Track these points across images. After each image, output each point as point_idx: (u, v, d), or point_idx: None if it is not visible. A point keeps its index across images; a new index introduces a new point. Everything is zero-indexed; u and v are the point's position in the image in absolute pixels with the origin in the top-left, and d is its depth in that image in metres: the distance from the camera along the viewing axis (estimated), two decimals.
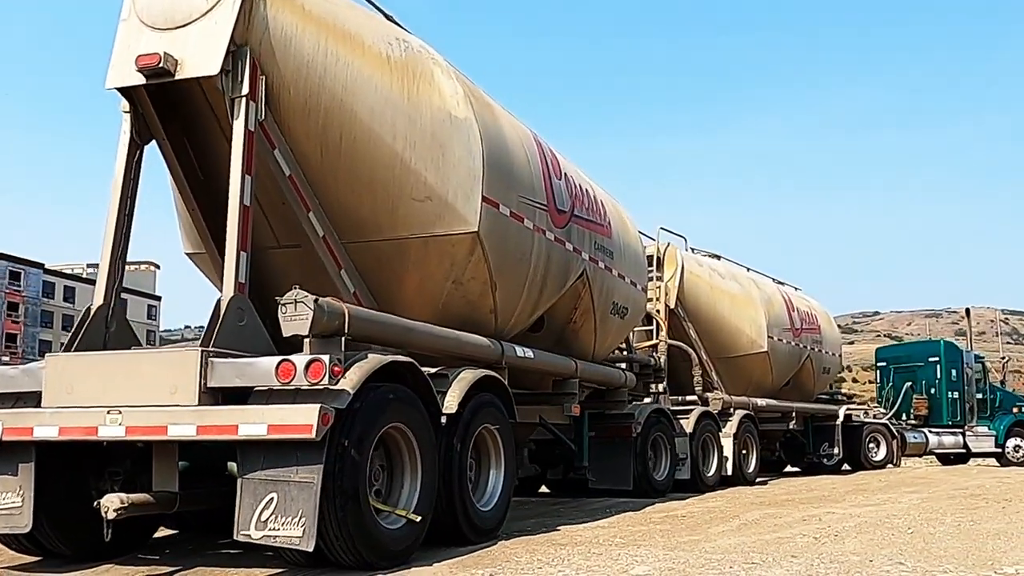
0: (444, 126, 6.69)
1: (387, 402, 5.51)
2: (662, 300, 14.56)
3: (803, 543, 6.65)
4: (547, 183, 8.10)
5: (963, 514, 8.72)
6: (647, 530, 7.59)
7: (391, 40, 6.64)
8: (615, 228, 9.90)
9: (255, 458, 5.06)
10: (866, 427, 19.66)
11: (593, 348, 9.77)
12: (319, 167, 6.39)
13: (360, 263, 6.77)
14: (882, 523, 7.91)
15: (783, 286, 17.90)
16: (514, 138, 7.62)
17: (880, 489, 13.15)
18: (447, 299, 7.05)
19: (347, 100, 6.31)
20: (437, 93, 6.72)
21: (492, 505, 6.85)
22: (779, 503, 10.47)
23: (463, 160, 6.74)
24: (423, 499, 5.81)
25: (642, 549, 6.31)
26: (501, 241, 7.18)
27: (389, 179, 6.53)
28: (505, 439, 7.03)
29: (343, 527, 5.10)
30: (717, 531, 7.51)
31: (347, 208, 6.58)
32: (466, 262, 6.92)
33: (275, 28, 6.00)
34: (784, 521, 8.28)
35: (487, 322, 7.47)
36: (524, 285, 7.72)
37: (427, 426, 5.91)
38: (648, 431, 11.49)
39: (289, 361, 5.04)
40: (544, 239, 7.93)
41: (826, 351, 17.93)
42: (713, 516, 8.77)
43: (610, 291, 9.65)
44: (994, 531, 7.25)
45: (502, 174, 7.16)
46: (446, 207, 6.70)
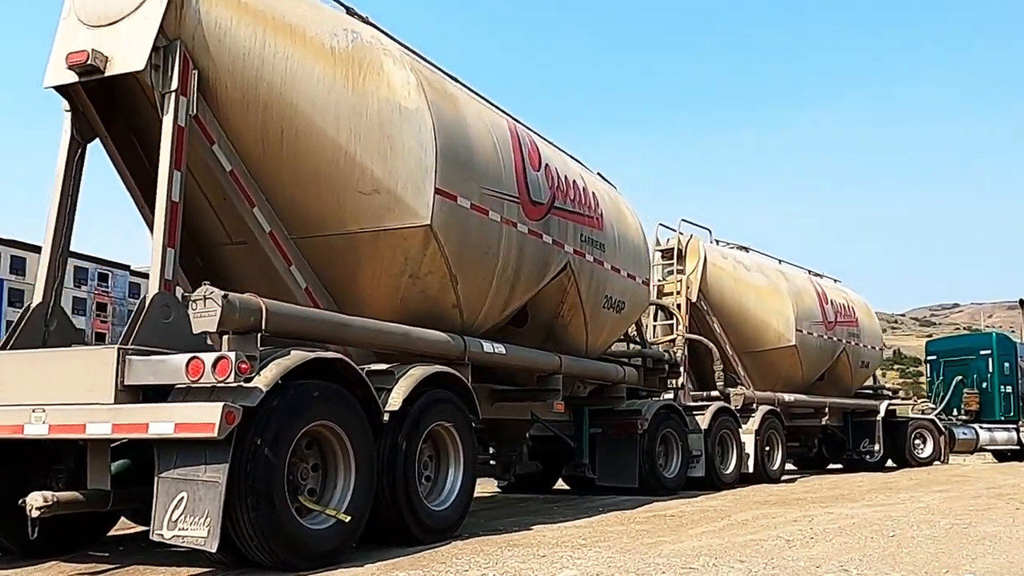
0: (393, 117, 6.49)
1: (311, 400, 5.34)
2: (683, 293, 14.15)
3: (771, 547, 6.27)
4: (520, 175, 7.83)
5: (968, 516, 8.19)
6: (620, 530, 7.28)
7: (337, 31, 6.47)
8: (608, 220, 9.56)
9: (169, 457, 4.95)
10: (911, 423, 18.85)
11: (586, 343, 9.46)
12: (262, 161, 6.26)
13: (312, 259, 6.63)
14: (872, 525, 7.45)
15: (819, 278, 17.26)
16: (479, 129, 7.38)
17: (907, 488, 12.53)
18: (405, 294, 6.85)
19: (287, 93, 6.16)
20: (386, 84, 6.52)
21: (448, 504, 6.64)
22: (787, 502, 10.02)
23: (413, 152, 6.53)
24: (357, 499, 5.62)
25: (592, 551, 6.02)
26: (461, 234, 6.95)
27: (334, 172, 6.37)
28: (464, 437, 6.80)
29: (257, 527, 4.95)
30: (693, 532, 7.17)
31: (294, 203, 6.44)
32: (421, 256, 6.71)
33: (208, 22, 5.88)
34: (773, 522, 7.87)
35: (451, 317, 7.25)
36: (492, 279, 7.47)
37: (362, 424, 5.71)
38: (657, 427, 11.11)
39: (198, 358, 4.91)
40: (515, 232, 7.66)
41: (864, 344, 17.21)
42: (704, 516, 8.40)
43: (601, 285, 9.33)
44: (984, 535, 6.75)
45: (460, 166, 6.93)
46: (396, 200, 6.50)
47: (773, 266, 15.50)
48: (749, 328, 14.72)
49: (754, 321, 14.71)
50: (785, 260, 16.46)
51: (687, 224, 14.88)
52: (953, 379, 20.83)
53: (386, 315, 6.81)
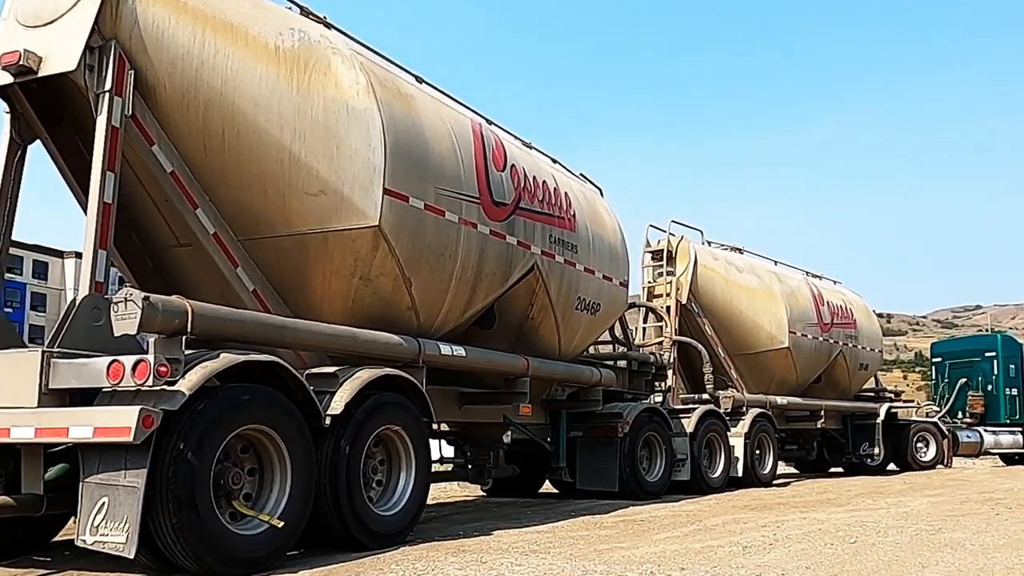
0: (339, 117, 6.38)
1: (240, 403, 5.23)
2: (673, 295, 13.95)
3: (723, 553, 6.10)
4: (482, 175, 7.70)
5: (943, 521, 7.97)
6: (580, 536, 7.13)
7: (283, 31, 6.37)
8: (582, 222, 9.41)
9: (93, 461, 4.87)
10: (913, 426, 18.52)
11: (558, 345, 9.31)
12: (205, 162, 6.17)
13: (261, 260, 6.54)
14: (839, 531, 7.24)
15: (817, 279, 17.01)
16: (437, 130, 7.25)
17: (897, 492, 12.28)
18: (357, 296, 6.74)
19: (228, 93, 6.07)
20: (333, 83, 6.41)
21: (398, 509, 6.51)
22: (767, 507, 9.82)
23: (361, 152, 6.41)
24: (292, 504, 5.51)
25: (537, 558, 5.87)
26: (414, 235, 6.82)
27: (278, 173, 6.27)
28: (416, 441, 6.68)
29: (179, 532, 4.84)
30: (654, 538, 6.99)
31: (239, 204, 6.35)
32: (371, 257, 6.59)
33: (146, 21, 5.80)
34: (741, 527, 7.68)
35: (407, 319, 7.12)
36: (450, 281, 7.33)
37: (300, 428, 5.60)
38: (638, 431, 10.94)
39: (119, 361, 4.83)
40: (475, 233, 7.53)
41: (863, 346, 16.92)
42: (674, 521, 8.23)
43: (573, 286, 9.18)
44: (948, 541, 6.54)
45: (413, 166, 6.80)
46: (343, 201, 6.39)
47: (767, 267, 15.26)
48: (741, 330, 14.50)
49: (746, 323, 14.49)
50: (782, 261, 16.24)
51: (679, 226, 14.69)
52: (958, 381, 20.47)
53: (339, 317, 6.71)
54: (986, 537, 6.79)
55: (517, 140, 9.45)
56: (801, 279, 15.87)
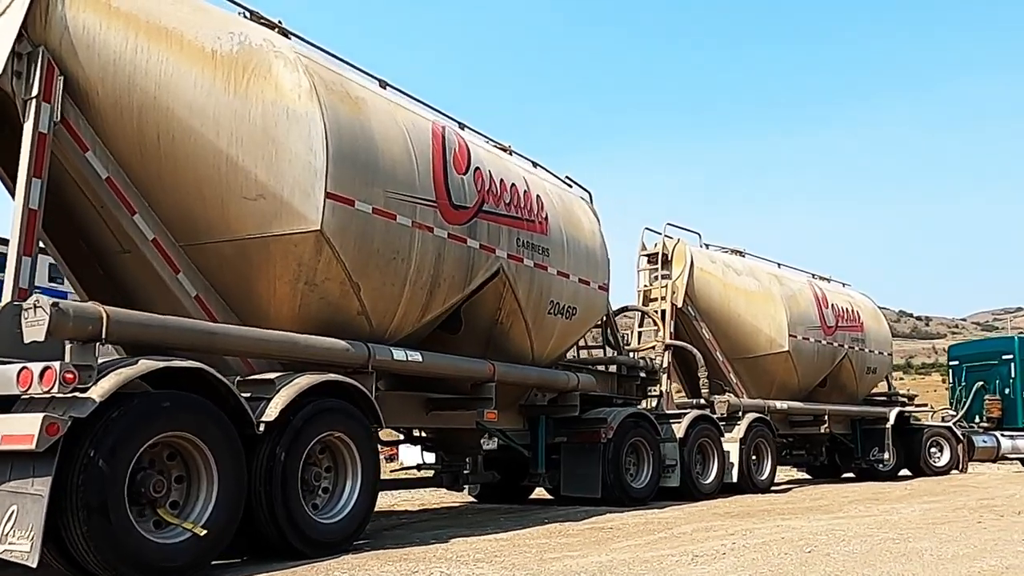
0: (279, 121, 6.29)
1: (159, 410, 5.13)
2: (668, 299, 13.71)
3: (668, 564, 5.89)
4: (440, 178, 7.56)
5: (920, 530, 7.66)
6: (536, 544, 6.94)
7: (222, 34, 6.28)
8: (555, 225, 9.24)
9: (5, 469, 4.80)
10: (927, 430, 18.01)
11: (531, 350, 9.14)
12: (142, 167, 6.12)
13: (204, 267, 6.46)
14: (802, 540, 6.98)
15: (824, 282, 16.64)
16: (390, 133, 7.13)
17: (895, 499, 11.90)
18: (303, 301, 6.63)
19: (162, 97, 6.00)
20: (272, 87, 6.32)
21: (341, 517, 6.38)
22: (750, 514, 9.54)
23: (301, 155, 6.31)
24: (218, 512, 5.39)
25: (476, 568, 5.72)
26: (361, 239, 6.70)
27: (215, 178, 6.19)
28: (362, 448, 6.54)
29: (90, 541, 4.75)
30: (612, 547, 6.79)
31: (179, 209, 6.28)
32: (315, 262, 6.48)
33: (76, 27, 5.76)
34: (707, 535, 7.45)
35: (357, 325, 7.00)
36: (404, 285, 7.20)
37: (227, 435, 5.49)
38: (623, 436, 10.73)
39: (28, 368, 4.75)
40: (431, 236, 7.39)
41: (871, 350, 16.50)
42: (643, 528, 8.01)
43: (544, 290, 9.00)
44: (909, 551, 6.26)
45: (360, 169, 6.68)
46: (283, 205, 6.29)
47: (768, 270, 14.94)
48: (740, 334, 14.21)
49: (745, 326, 14.20)
50: (786, 264, 15.92)
51: (677, 229, 14.45)
52: (974, 385, 19.91)
53: (287, 323, 6.61)
54: (952, 546, 6.50)
55: (489, 144, 9.33)
56: (804, 282, 15.53)
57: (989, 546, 6.52)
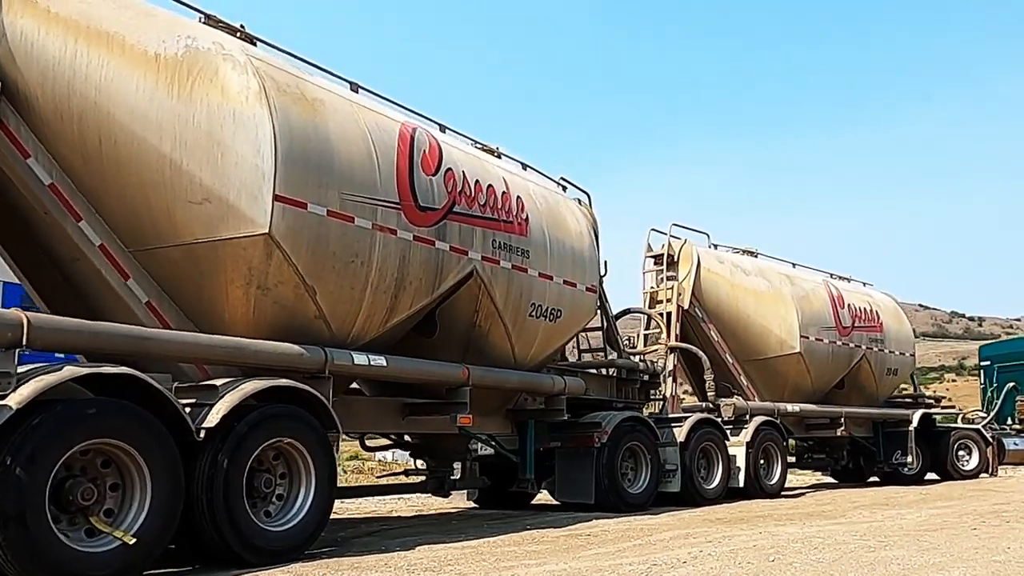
0: (225, 124, 6.17)
1: (84, 417, 5.02)
2: (674, 301, 13.39)
3: (627, 572, 5.64)
4: (405, 180, 7.39)
5: (904, 538, 7.29)
6: (500, 552, 6.72)
7: (167, 38, 6.19)
8: (537, 226, 9.01)
9: None
10: (954, 433, 17.39)
11: (512, 353, 8.91)
12: (85, 173, 6.05)
13: (155, 272, 6.37)
14: (775, 548, 6.66)
15: (843, 282, 16.15)
16: (348, 134, 6.97)
17: (906, 503, 11.45)
18: (257, 306, 6.49)
19: (102, 102, 5.93)
20: (219, 90, 6.21)
21: (291, 525, 6.21)
22: (744, 520, 9.20)
23: (248, 158, 6.18)
24: (151, 520, 5.26)
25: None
26: (315, 242, 6.55)
27: (160, 182, 6.09)
28: (316, 454, 6.38)
29: (8, 551, 4.64)
30: (577, 555, 6.53)
31: (126, 214, 6.20)
32: (265, 266, 6.34)
33: (14, 33, 5.71)
34: (683, 543, 7.15)
35: (317, 329, 6.85)
36: (365, 289, 7.03)
37: (161, 442, 5.36)
38: (618, 441, 10.44)
39: None
40: (394, 239, 7.21)
41: (891, 350, 15.95)
42: (619, 536, 7.72)
43: (525, 292, 8.77)
44: (880, 559, 5.93)
45: (312, 172, 6.53)
46: (229, 208, 6.17)
47: (779, 270, 14.52)
48: (749, 335, 13.82)
49: (754, 328, 13.81)
50: (801, 264, 15.47)
51: (684, 229, 14.12)
52: (1005, 385, 19.18)
53: (243, 328, 6.49)
54: (928, 555, 6.15)
55: (472, 146, 9.15)
56: (819, 281, 15.06)
57: (968, 555, 6.15)
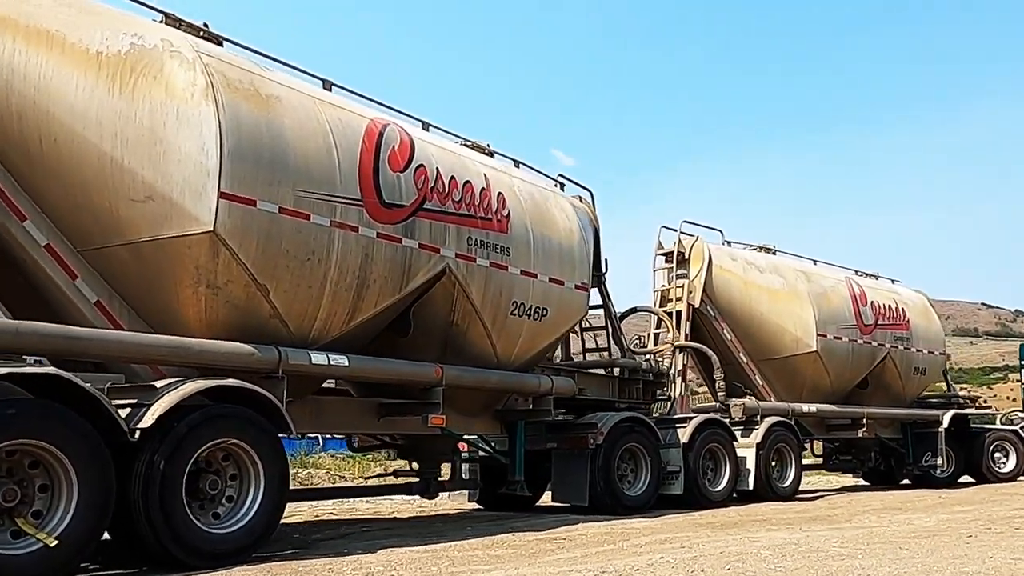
0: (167, 121, 6.03)
1: (5, 418, 4.90)
2: (684, 299, 12.97)
3: None
4: (368, 177, 7.18)
5: (887, 546, 6.83)
6: (460, 556, 6.46)
7: (111, 36, 6.07)
8: (519, 222, 8.73)
9: None
10: (989, 434, 16.57)
11: (494, 352, 8.64)
12: (29, 172, 5.97)
13: (105, 272, 6.26)
14: (741, 555, 6.28)
15: (870, 279, 15.53)
16: (306, 131, 6.78)
17: (922, 508, 10.89)
18: (208, 305, 6.34)
19: (41, 101, 5.84)
20: (163, 87, 6.07)
21: (237, 528, 6.03)
22: (735, 524, 8.79)
23: (192, 155, 6.04)
24: (76, 523, 5.12)
25: None
26: (266, 240, 6.38)
27: (102, 180, 5.98)
28: (265, 455, 6.20)
29: None
30: (536, 561, 6.24)
31: (71, 214, 6.11)
32: (213, 264, 6.19)
33: None
34: (654, 549, 6.81)
35: (273, 328, 6.68)
36: (324, 287, 6.84)
37: (89, 443, 5.22)
38: (615, 442, 10.12)
39: None
40: (356, 236, 7.01)
41: (918, 349, 15.25)
42: (594, 541, 7.40)
43: (505, 290, 8.49)
44: (846, 569, 5.52)
45: (263, 169, 6.36)
46: (173, 206, 6.03)
47: (796, 267, 13.98)
48: (764, 334, 13.33)
49: (769, 326, 13.31)
50: (823, 260, 14.91)
51: (696, 226, 13.68)
52: None
53: (197, 328, 6.35)
54: (899, 565, 5.71)
55: (456, 143, 8.93)
56: (839, 279, 14.47)
57: (941, 564, 5.70)
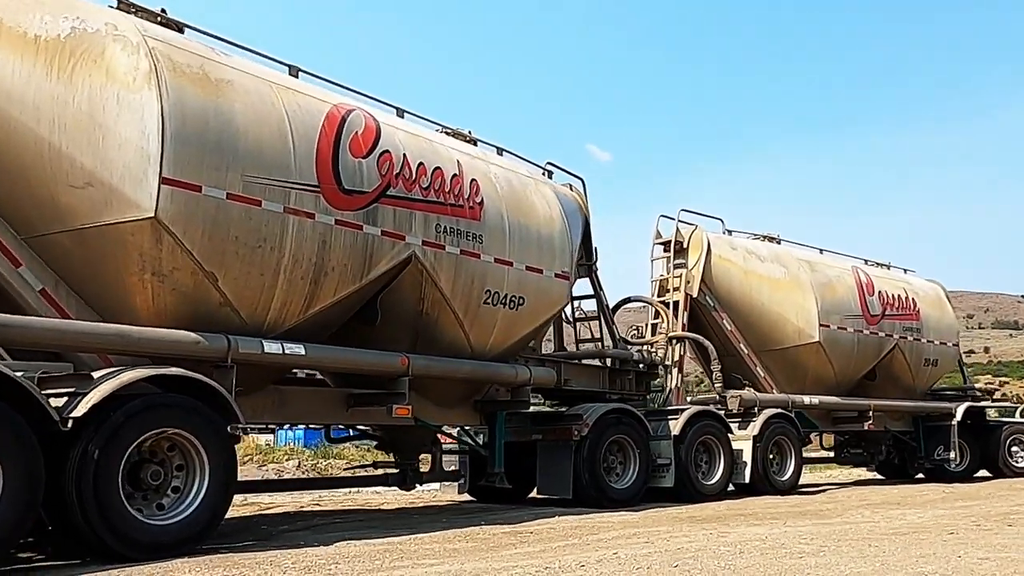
0: (107, 106, 5.88)
1: None
2: (682, 289, 12.65)
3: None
4: (326, 162, 6.98)
5: (852, 543, 6.51)
6: (412, 550, 6.26)
7: (50, 20, 5.93)
8: (494, 210, 8.48)
9: None
10: (1006, 428, 16.02)
11: (468, 342, 8.41)
12: None
13: (51, 260, 6.12)
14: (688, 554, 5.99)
15: (879, 268, 15.06)
16: (261, 115, 6.59)
17: (921, 503, 10.53)
18: (155, 293, 6.19)
19: None
20: (103, 71, 5.93)
21: (178, 520, 5.87)
22: (716, 519, 8.49)
23: (132, 140, 5.88)
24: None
25: None
26: (212, 226, 6.21)
27: (40, 167, 5.85)
28: (211, 447, 6.03)
29: None
30: (485, 555, 6.01)
31: (11, 201, 5.97)
32: (156, 251, 6.04)
33: None
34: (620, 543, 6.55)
35: (225, 316, 6.51)
36: (278, 275, 6.66)
37: (15, 432, 5.06)
38: (601, 434, 9.85)
39: None
40: (312, 223, 6.82)
41: (929, 340, 14.76)
42: (557, 535, 7.14)
43: (477, 279, 8.26)
44: (795, 568, 5.22)
45: (209, 154, 6.19)
46: (113, 192, 5.89)
47: (800, 256, 13.56)
48: (764, 324, 12.96)
49: (769, 316, 12.95)
50: (829, 250, 14.48)
51: (696, 215, 13.36)
52: None
53: (147, 317, 6.22)
54: (857, 564, 5.38)
55: (434, 130, 8.71)
56: (846, 268, 14.02)
57: (904, 563, 5.38)
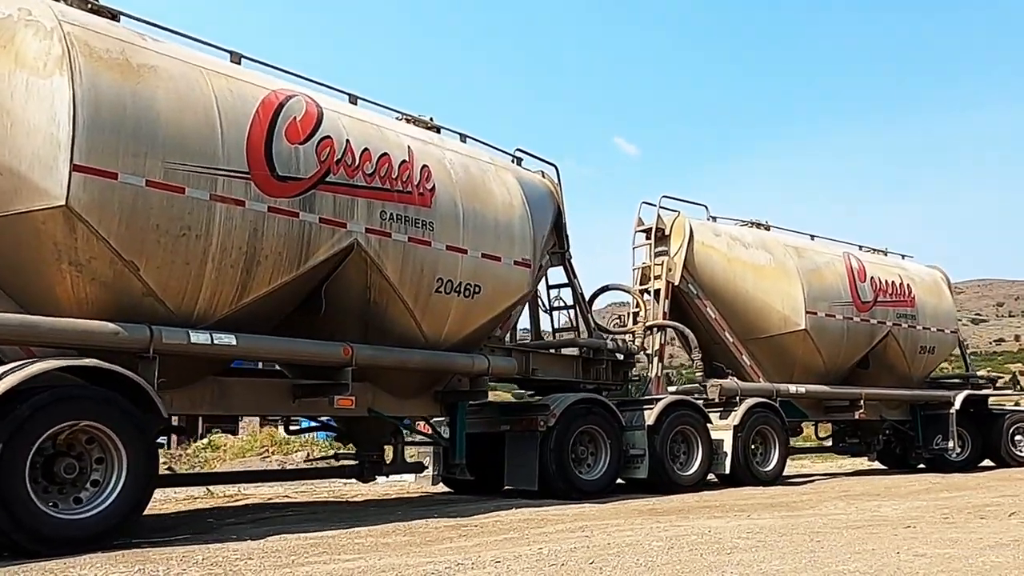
0: (16, 92, 5.73)
1: None
2: (663, 277, 12.32)
3: (410, 574, 4.88)
4: (259, 148, 6.77)
5: (795, 537, 6.19)
6: (339, 545, 6.05)
7: None
8: (447, 196, 8.23)
9: None
10: (1009, 417, 15.51)
11: (420, 331, 8.17)
12: None
13: None
14: (611, 551, 5.72)
15: (875, 254, 14.61)
16: (186, 101, 6.39)
17: (904, 495, 10.16)
18: (75, 284, 6.02)
19: None
20: (12, 57, 5.77)
21: (96, 513, 5.71)
22: (675, 512, 8.18)
23: (42, 127, 5.71)
24: None
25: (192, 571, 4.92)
26: (129, 214, 6.02)
27: None
28: (128, 440, 5.85)
29: None
30: (405, 551, 5.76)
31: None
32: (71, 240, 5.86)
33: None
34: (558, 537, 6.30)
35: (149, 307, 6.33)
36: (205, 264, 6.46)
37: None
38: (569, 424, 9.59)
39: None
40: (241, 210, 6.62)
41: (925, 327, 14.28)
42: (496, 530, 6.87)
43: (429, 267, 8.01)
44: (715, 564, 4.93)
45: (126, 140, 5.99)
46: (22, 181, 5.72)
47: (787, 242, 13.15)
48: (749, 312, 12.58)
49: (754, 303, 12.56)
50: (820, 236, 14.05)
51: (678, 202, 12.99)
52: None
53: (71, 308, 6.06)
54: (783, 561, 5.08)
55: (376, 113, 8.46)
56: (836, 254, 13.58)
57: (834, 559, 5.08)
